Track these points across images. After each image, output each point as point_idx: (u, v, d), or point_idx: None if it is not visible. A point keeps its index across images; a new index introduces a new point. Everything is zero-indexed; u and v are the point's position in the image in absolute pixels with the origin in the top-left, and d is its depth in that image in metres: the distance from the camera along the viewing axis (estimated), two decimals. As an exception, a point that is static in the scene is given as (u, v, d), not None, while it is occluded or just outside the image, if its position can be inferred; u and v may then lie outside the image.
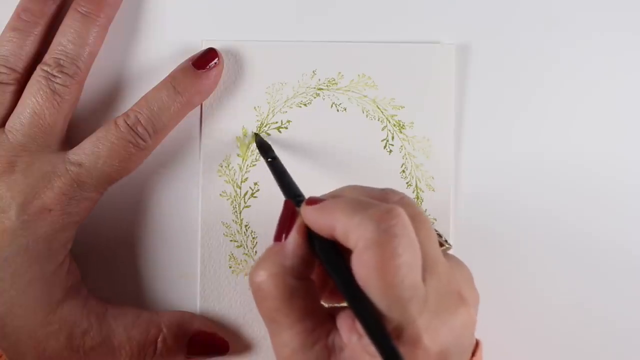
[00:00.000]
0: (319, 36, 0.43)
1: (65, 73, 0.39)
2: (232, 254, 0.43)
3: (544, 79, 0.43)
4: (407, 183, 0.43)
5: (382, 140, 0.43)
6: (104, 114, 0.43)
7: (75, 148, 0.39)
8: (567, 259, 0.43)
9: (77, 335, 0.39)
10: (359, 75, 0.43)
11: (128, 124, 0.39)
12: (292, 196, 0.36)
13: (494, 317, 0.42)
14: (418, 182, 0.43)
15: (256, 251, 0.43)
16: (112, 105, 0.43)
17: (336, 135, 0.43)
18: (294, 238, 0.32)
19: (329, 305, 0.34)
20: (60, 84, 0.39)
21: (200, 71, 0.41)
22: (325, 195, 0.34)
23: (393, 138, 0.43)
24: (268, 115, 0.43)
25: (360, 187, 0.34)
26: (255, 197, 0.43)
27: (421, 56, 0.43)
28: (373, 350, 0.29)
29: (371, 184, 0.33)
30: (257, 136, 0.42)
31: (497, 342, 0.41)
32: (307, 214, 0.32)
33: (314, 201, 0.33)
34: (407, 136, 0.43)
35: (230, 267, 0.43)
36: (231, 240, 0.43)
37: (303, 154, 0.43)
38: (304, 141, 0.43)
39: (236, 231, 0.43)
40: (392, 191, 0.33)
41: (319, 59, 0.43)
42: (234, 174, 0.43)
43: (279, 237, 0.33)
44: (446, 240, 0.37)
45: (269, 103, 0.43)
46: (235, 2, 0.43)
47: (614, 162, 0.43)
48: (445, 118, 0.43)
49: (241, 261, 0.43)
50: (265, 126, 0.43)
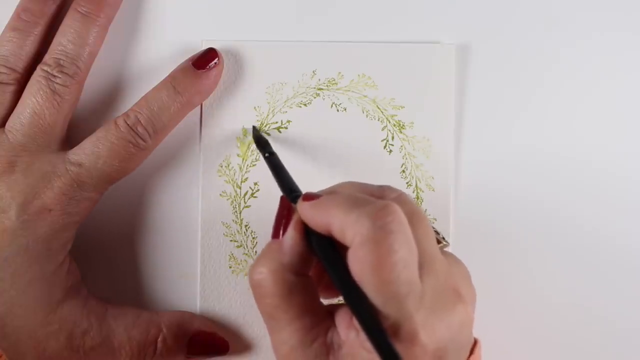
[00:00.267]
0: (319, 36, 0.43)
1: (65, 73, 0.39)
2: (232, 254, 0.43)
3: (544, 79, 0.43)
4: (407, 183, 0.43)
5: (382, 140, 0.43)
6: (104, 114, 0.43)
7: (75, 148, 0.39)
8: (567, 258, 0.43)
9: (77, 335, 0.39)
10: (359, 75, 0.43)
11: (128, 124, 0.39)
12: (289, 192, 0.36)
13: (494, 315, 0.42)
14: (418, 182, 0.43)
15: (256, 251, 0.43)
16: (112, 105, 0.43)
17: (336, 135, 0.43)
18: (291, 235, 0.32)
19: (327, 303, 0.34)
20: (60, 84, 0.39)
21: (200, 71, 0.41)
22: (322, 191, 0.34)
23: (393, 138, 0.43)
24: (268, 115, 0.43)
25: (357, 183, 0.34)
26: (255, 197, 0.43)
27: (421, 56, 0.43)
28: (370, 346, 0.29)
29: (371, 184, 0.33)
30: (254, 130, 0.42)
31: (496, 340, 0.41)
32: (304, 210, 0.32)
33: (310, 197, 0.33)
34: (407, 136, 0.43)
35: (230, 267, 0.43)
36: (231, 240, 0.43)
37: (303, 154, 0.43)
38: (304, 141, 0.43)
39: (236, 231, 0.43)
40: (389, 188, 0.33)
41: (319, 59, 0.43)
42: (234, 174, 0.43)
43: (276, 234, 0.33)
44: (444, 238, 0.37)
45: (269, 103, 0.43)
46: (235, 2, 0.43)
47: (614, 161, 0.43)
48: (445, 118, 0.43)
49: (241, 261, 0.43)
50: (265, 126, 0.43)
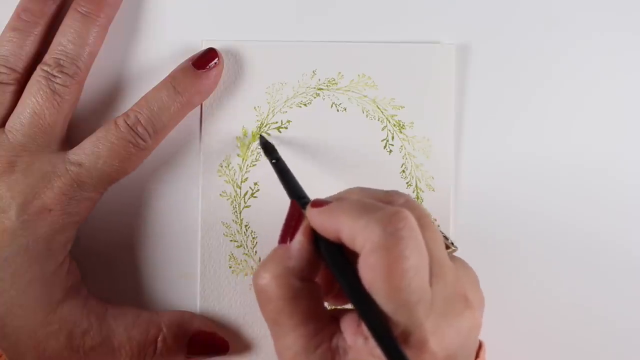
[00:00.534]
0: (319, 36, 0.43)
1: (65, 73, 0.39)
2: (232, 254, 0.43)
3: (544, 79, 0.43)
4: (407, 183, 0.43)
5: (382, 140, 0.43)
6: (104, 114, 0.43)
7: (75, 148, 0.39)
8: (568, 258, 0.43)
9: (77, 335, 0.39)
10: (359, 75, 0.43)
11: (128, 124, 0.39)
12: (297, 197, 0.35)
13: (494, 317, 0.42)
14: (418, 182, 0.43)
15: (256, 251, 0.43)
16: (112, 105, 0.43)
17: (336, 135, 0.43)
18: (299, 240, 0.32)
19: (332, 308, 0.34)
20: (60, 84, 0.39)
21: (200, 71, 0.41)
22: (331, 197, 0.34)
23: (393, 138, 0.43)
24: (268, 115, 0.43)
25: (365, 189, 0.34)
26: (255, 197, 0.43)
27: (421, 56, 0.43)
28: (379, 352, 0.29)
29: (371, 183, 0.33)
30: (261, 137, 0.42)
31: (498, 342, 0.41)
32: (313, 216, 0.32)
33: (319, 203, 0.32)
34: (407, 136, 0.43)
35: (230, 267, 0.43)
36: (231, 240, 0.43)
37: (303, 154, 0.43)
38: (304, 141, 0.43)
39: (236, 231, 0.43)
40: (396, 193, 0.33)
41: (319, 59, 0.43)
42: (234, 174, 0.43)
43: (284, 239, 0.33)
44: (452, 243, 0.37)
45: (269, 103, 0.43)
46: (235, 2, 0.43)
47: (614, 161, 0.43)
48: (445, 118, 0.43)
49: (241, 261, 0.43)
50: (265, 126, 0.43)
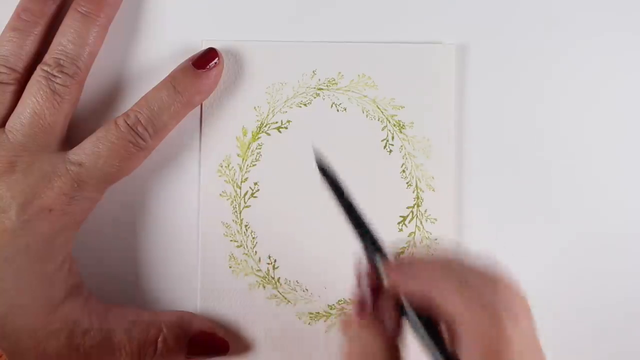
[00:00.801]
0: (319, 36, 0.43)
1: (65, 73, 0.39)
2: (232, 254, 0.43)
3: (544, 79, 0.43)
4: (407, 183, 0.43)
5: (382, 140, 0.43)
6: (104, 114, 0.43)
7: (75, 148, 0.39)
8: (568, 258, 0.43)
9: (77, 335, 0.39)
10: (359, 75, 0.43)
11: (128, 124, 0.39)
12: (370, 242, 0.34)
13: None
14: (418, 182, 0.43)
15: (256, 251, 0.43)
16: (112, 105, 0.43)
17: (336, 135, 0.43)
18: (392, 318, 0.32)
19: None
20: (60, 84, 0.39)
21: (200, 71, 0.41)
22: (416, 260, 0.33)
23: (393, 138, 0.43)
24: (268, 115, 0.43)
25: (463, 259, 0.33)
26: (255, 197, 0.43)
27: (421, 56, 0.43)
28: None
29: (371, 184, 0.33)
30: (322, 170, 0.36)
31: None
32: (403, 283, 0.32)
33: (408, 270, 0.32)
34: (407, 136, 0.43)
35: (230, 267, 0.43)
36: (231, 240, 0.43)
37: (303, 154, 0.43)
38: (304, 141, 0.43)
39: (236, 231, 0.43)
40: (494, 269, 0.32)
41: (319, 59, 0.43)
42: (234, 174, 0.43)
43: (362, 309, 0.33)
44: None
45: (269, 103, 0.43)
46: (235, 2, 0.43)
47: (615, 161, 0.43)
48: (445, 118, 0.43)
49: (241, 261, 0.43)
50: (265, 126, 0.43)
